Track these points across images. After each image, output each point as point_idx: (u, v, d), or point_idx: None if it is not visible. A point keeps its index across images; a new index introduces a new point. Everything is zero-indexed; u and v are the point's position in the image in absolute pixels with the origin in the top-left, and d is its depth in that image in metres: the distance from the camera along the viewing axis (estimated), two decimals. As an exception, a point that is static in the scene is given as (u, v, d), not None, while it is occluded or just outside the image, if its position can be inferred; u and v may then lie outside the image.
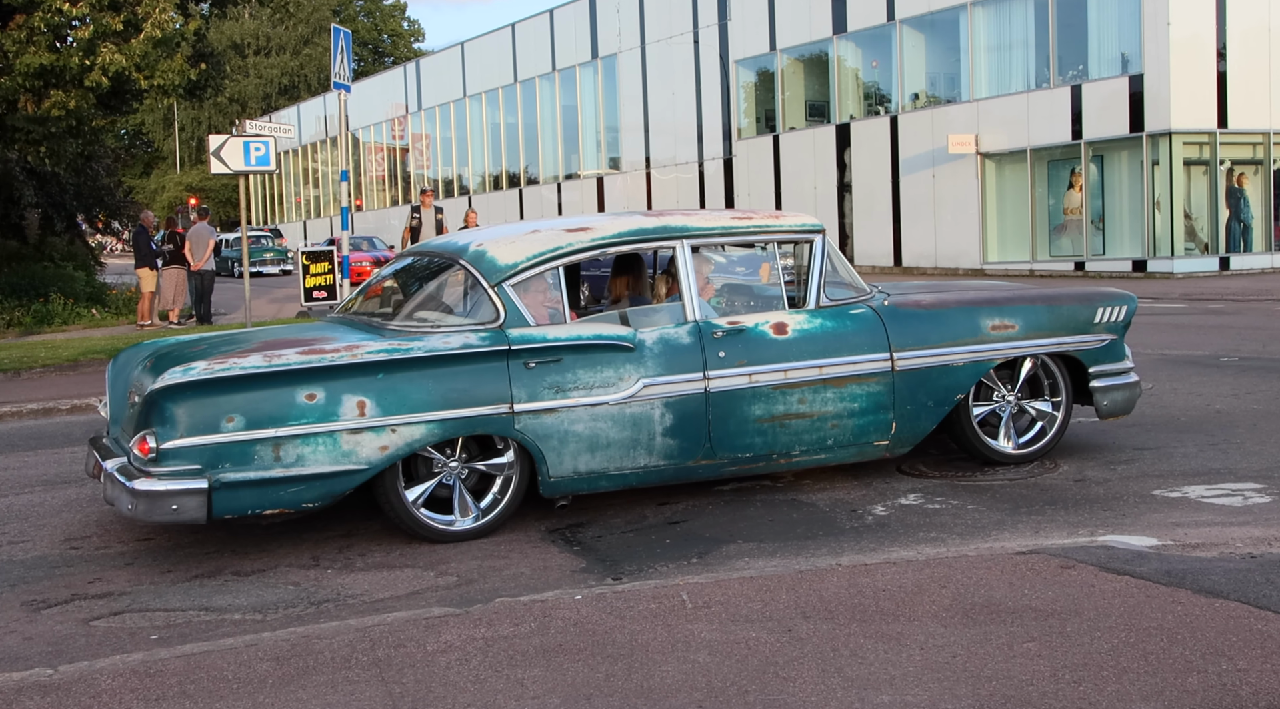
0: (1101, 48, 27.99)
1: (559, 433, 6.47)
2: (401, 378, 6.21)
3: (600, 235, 6.91)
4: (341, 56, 15.47)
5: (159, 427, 5.92)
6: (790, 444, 6.99)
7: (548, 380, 6.44)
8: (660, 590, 5.10)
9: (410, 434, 6.20)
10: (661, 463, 6.73)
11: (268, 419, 5.97)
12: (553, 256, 6.72)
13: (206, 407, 5.94)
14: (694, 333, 6.80)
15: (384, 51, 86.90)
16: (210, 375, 5.95)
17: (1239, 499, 6.62)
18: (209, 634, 5.05)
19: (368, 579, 5.86)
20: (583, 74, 45.40)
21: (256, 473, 5.97)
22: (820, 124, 35.45)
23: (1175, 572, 5.04)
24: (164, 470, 5.90)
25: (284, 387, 6.02)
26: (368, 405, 6.11)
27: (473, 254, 6.80)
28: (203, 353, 6.34)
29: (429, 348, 6.31)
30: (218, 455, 5.92)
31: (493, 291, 6.57)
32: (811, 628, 4.54)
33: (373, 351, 6.21)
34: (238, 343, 6.56)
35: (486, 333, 6.45)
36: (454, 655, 4.39)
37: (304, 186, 70.10)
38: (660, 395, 6.64)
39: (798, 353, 6.96)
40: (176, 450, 5.89)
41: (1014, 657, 4.17)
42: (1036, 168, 29.10)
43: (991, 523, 6.35)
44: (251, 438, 5.95)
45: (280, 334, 7.07)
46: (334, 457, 6.07)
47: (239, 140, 17.85)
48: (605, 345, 6.59)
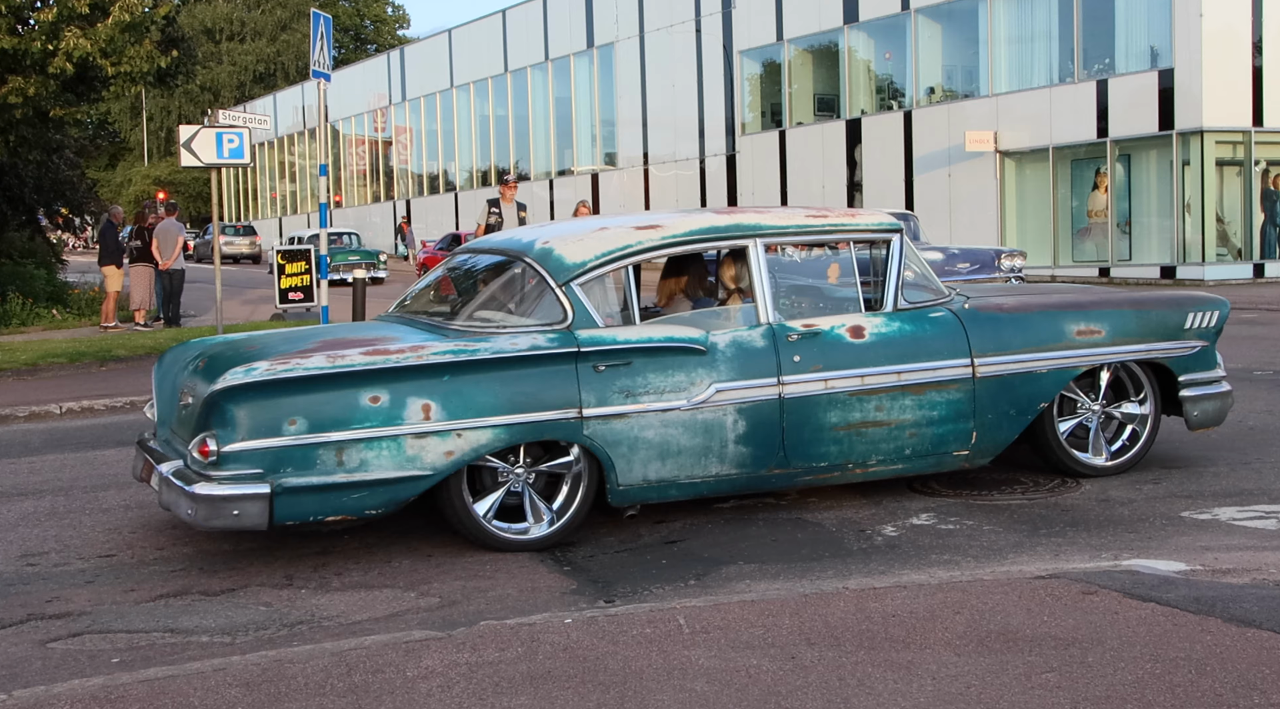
0: (1129, 40, 28.05)
1: (629, 439, 6.54)
2: (467, 380, 6.29)
3: (671, 233, 7.02)
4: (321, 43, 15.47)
5: (219, 429, 6.01)
6: (867, 453, 7.07)
7: (618, 384, 6.53)
8: (656, 614, 5.10)
9: (476, 439, 6.28)
10: (734, 471, 6.80)
11: (331, 422, 6.06)
12: (622, 255, 6.81)
13: (268, 408, 6.02)
14: (768, 336, 6.88)
15: (366, 38, 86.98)
16: (272, 376, 6.04)
17: (1273, 522, 6.63)
18: (174, 658, 5.04)
19: (344, 600, 5.86)
20: (577, 64, 45.46)
21: (319, 478, 6.05)
22: (829, 119, 35.52)
23: (1204, 599, 5.04)
24: (225, 474, 5.98)
25: (347, 388, 6.11)
26: (433, 408, 6.20)
27: (539, 252, 6.88)
28: (259, 352, 6.44)
29: (496, 349, 6.39)
30: (280, 459, 6.00)
31: (560, 291, 6.65)
32: (816, 655, 4.54)
33: (438, 353, 6.29)
34: (295, 342, 6.67)
35: (555, 334, 6.52)
36: (435, 682, 4.38)
37: (280, 181, 70.15)
38: (733, 401, 6.72)
39: (875, 358, 7.04)
40: (238, 453, 5.98)
41: (1032, 688, 4.17)
42: (1059, 167, 29.15)
43: (1009, 545, 6.36)
44: (314, 441, 6.03)
45: (337, 333, 7.22)
46: (398, 461, 6.16)
47: (211, 131, 17.83)
48: (677, 348, 6.66)
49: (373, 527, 7.18)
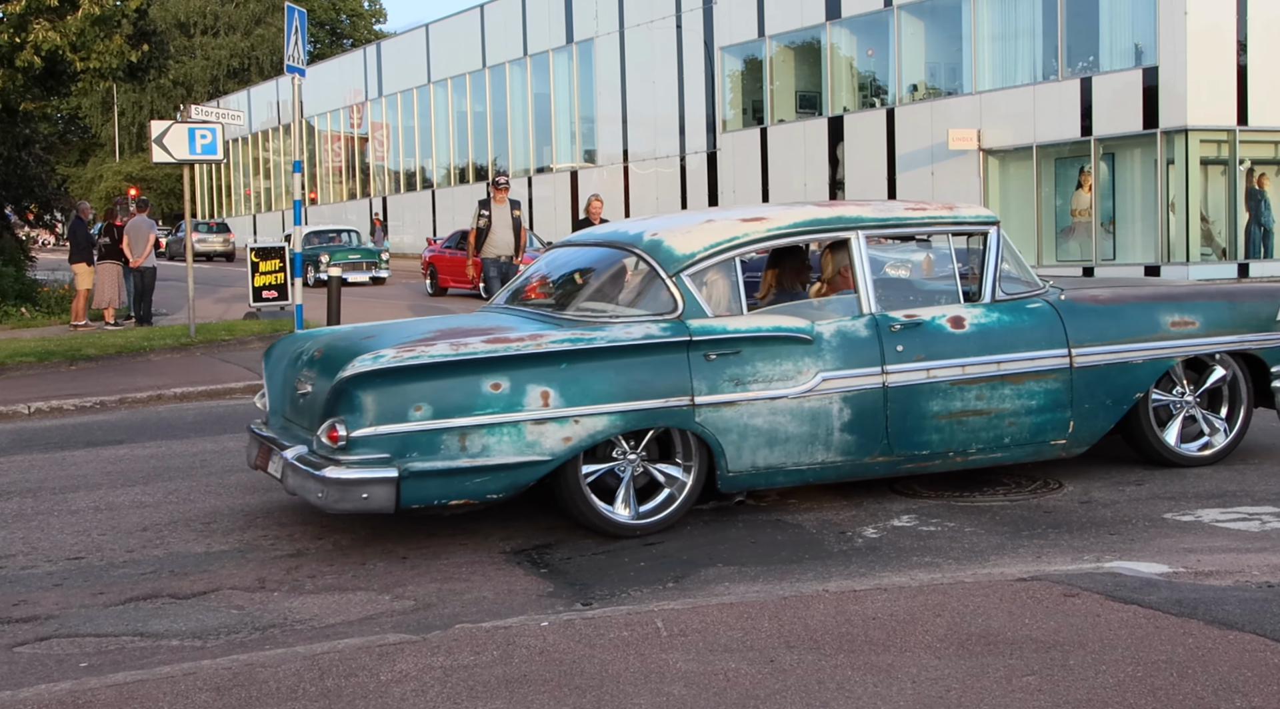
0: (1114, 38, 28.18)
1: (739, 426, 6.76)
2: (584, 368, 6.54)
3: (776, 226, 7.28)
4: (295, 38, 15.42)
5: (348, 414, 6.24)
6: (967, 442, 7.29)
7: (728, 373, 6.76)
8: (633, 617, 5.10)
9: (593, 425, 6.50)
10: (838, 459, 7.04)
11: (454, 408, 6.30)
12: (729, 247, 7.06)
13: (395, 395, 6.26)
14: (871, 326, 7.12)
15: (342, 33, 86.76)
16: (399, 363, 6.28)
17: (1256, 524, 6.66)
18: (143, 662, 5.02)
19: (318, 602, 5.84)
20: (556, 60, 45.43)
21: (443, 462, 6.29)
22: (811, 116, 35.57)
23: (1186, 601, 5.06)
24: (354, 458, 6.21)
25: (470, 375, 6.35)
26: (551, 395, 6.43)
27: (648, 244, 7.13)
28: (379, 341, 6.71)
29: (611, 338, 6.64)
30: (406, 444, 6.24)
31: (670, 282, 6.91)
32: (795, 659, 4.55)
33: (556, 341, 6.54)
34: (413, 331, 7.01)
35: (667, 324, 6.78)
36: (409, 686, 4.38)
37: (254, 178, 69.95)
38: (838, 389, 6.96)
39: (975, 348, 7.28)
40: (366, 438, 6.21)
41: (1012, 691, 4.18)
42: (1043, 166, 29.26)
43: (990, 547, 6.38)
44: (439, 427, 6.27)
45: (451, 323, 7.45)
46: (519, 447, 6.39)
47: (183, 127, 17.77)
48: (784, 338, 6.90)
49: (346, 528, 7.17)
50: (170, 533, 7.23)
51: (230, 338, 17.63)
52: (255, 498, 8.05)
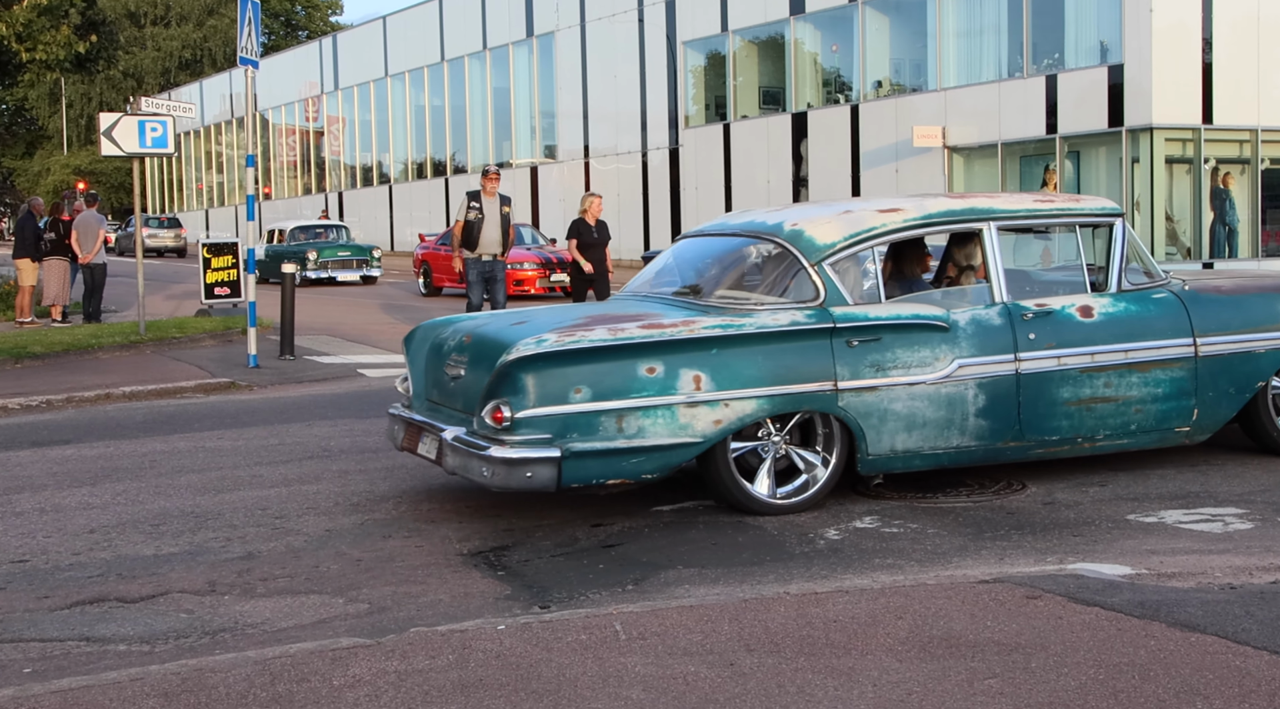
0: (1079, 35, 28.37)
1: (879, 411, 7.12)
2: (734, 353, 6.90)
3: (912, 216, 7.63)
4: (249, 29, 15.32)
5: (511, 396, 6.62)
6: (1095, 428, 7.62)
7: (869, 359, 7.12)
8: (591, 620, 5.10)
9: (742, 409, 6.87)
10: (972, 443, 7.38)
11: (612, 391, 6.69)
12: (868, 237, 7.44)
13: (557, 378, 6.65)
14: (1004, 314, 7.47)
15: (297, 24, 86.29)
16: (561, 347, 6.67)
17: (1219, 525, 6.73)
18: (90, 667, 4.98)
19: (269, 606, 5.81)
20: (516, 54, 45.35)
21: (602, 443, 6.67)
22: (775, 112, 35.65)
23: (1149, 603, 5.11)
24: (518, 439, 6.59)
25: (627, 359, 6.74)
26: (703, 379, 6.80)
27: (789, 233, 7.49)
28: (531, 327, 7.06)
29: (760, 324, 7.01)
30: (567, 425, 6.63)
31: (813, 270, 7.26)
32: (755, 662, 4.56)
33: (708, 327, 6.92)
34: (563, 317, 7.43)
35: (811, 311, 7.13)
36: (363, 691, 4.36)
37: (207, 172, 69.48)
38: (974, 376, 7.30)
39: (1103, 336, 7.61)
40: (530, 419, 6.60)
41: (974, 694, 4.21)
42: (1008, 163, 29.43)
43: (953, 549, 6.41)
44: (597, 409, 6.66)
45: (598, 309, 7.88)
46: (672, 429, 6.77)
47: (133, 119, 17.63)
48: (922, 325, 7.24)
49: (299, 530, 7.15)
50: (118, 535, 7.18)
51: (181, 335, 17.51)
52: (206, 499, 8.00)
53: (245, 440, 10.16)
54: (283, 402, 12.52)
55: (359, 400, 12.36)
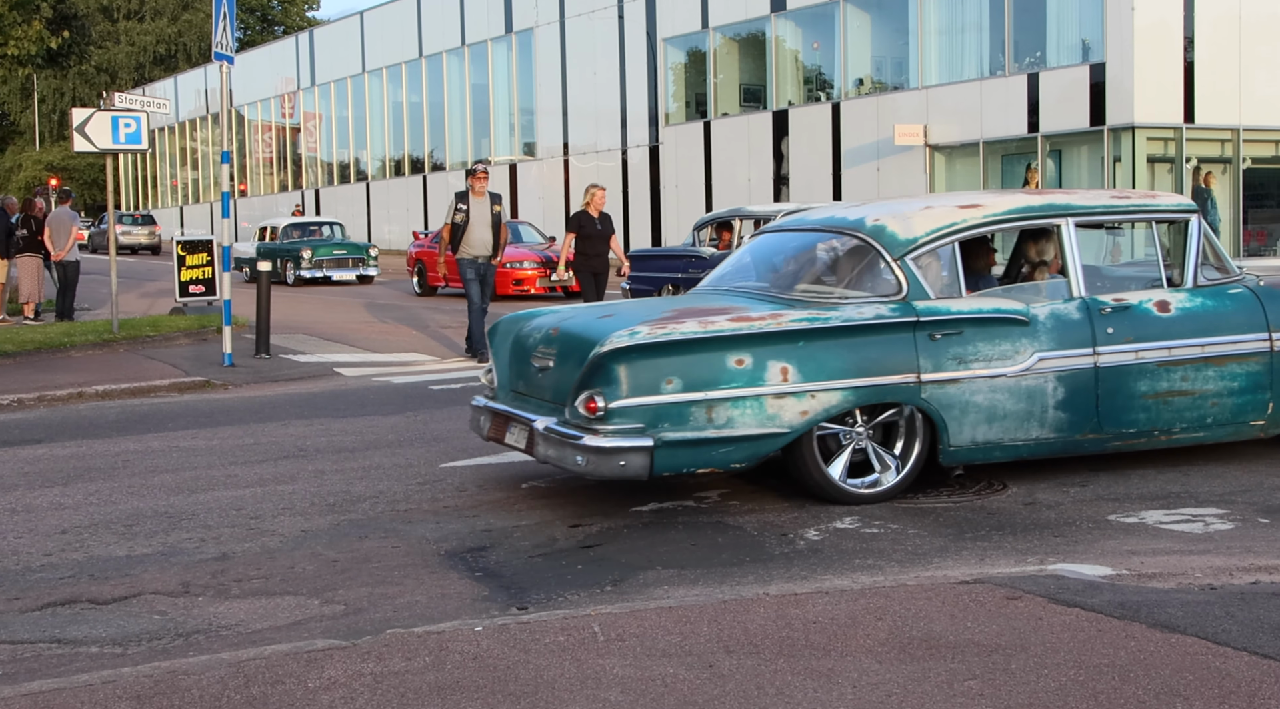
0: (1061, 33, 28.48)
1: (960, 403, 7.31)
2: (820, 346, 7.10)
3: (992, 212, 7.87)
4: (224, 24, 15.25)
5: (604, 387, 6.82)
6: (1172, 421, 7.77)
7: (951, 352, 7.30)
8: (569, 621, 5.10)
9: (827, 400, 7.07)
10: (1051, 436, 7.56)
11: (702, 382, 6.88)
12: (949, 232, 7.60)
13: (648, 369, 6.85)
14: (1083, 309, 7.64)
15: (274, 19, 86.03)
16: (653, 339, 6.86)
17: (1199, 525, 6.76)
18: (61, 670, 4.96)
19: (244, 607, 5.80)
20: (495, 50, 45.29)
21: (692, 433, 6.87)
22: (756, 110, 35.69)
23: (1129, 604, 5.13)
24: (611, 428, 6.78)
25: (717, 351, 6.94)
26: (790, 371, 6.99)
27: (872, 228, 7.66)
28: (620, 320, 7.25)
29: (845, 318, 7.20)
30: (658, 415, 6.82)
31: (895, 265, 7.44)
32: (735, 663, 4.57)
33: (795, 320, 7.11)
34: (652, 310, 7.60)
35: (895, 304, 7.32)
36: (338, 693, 4.35)
37: (181, 168, 69.22)
38: (1053, 369, 7.48)
39: (1181, 330, 7.76)
40: (623, 409, 6.79)
41: (954, 696, 4.22)
42: (989, 162, 29.53)
43: (933, 549, 6.43)
44: (688, 399, 6.86)
45: (683, 303, 8.05)
46: (760, 419, 6.94)
47: (107, 115, 17.54)
48: (1003, 319, 7.43)
49: (274, 531, 7.13)
50: (90, 536, 7.15)
51: (155, 334, 17.44)
52: (180, 499, 7.97)
53: (220, 440, 10.13)
54: (258, 401, 12.48)
55: (335, 400, 12.33)
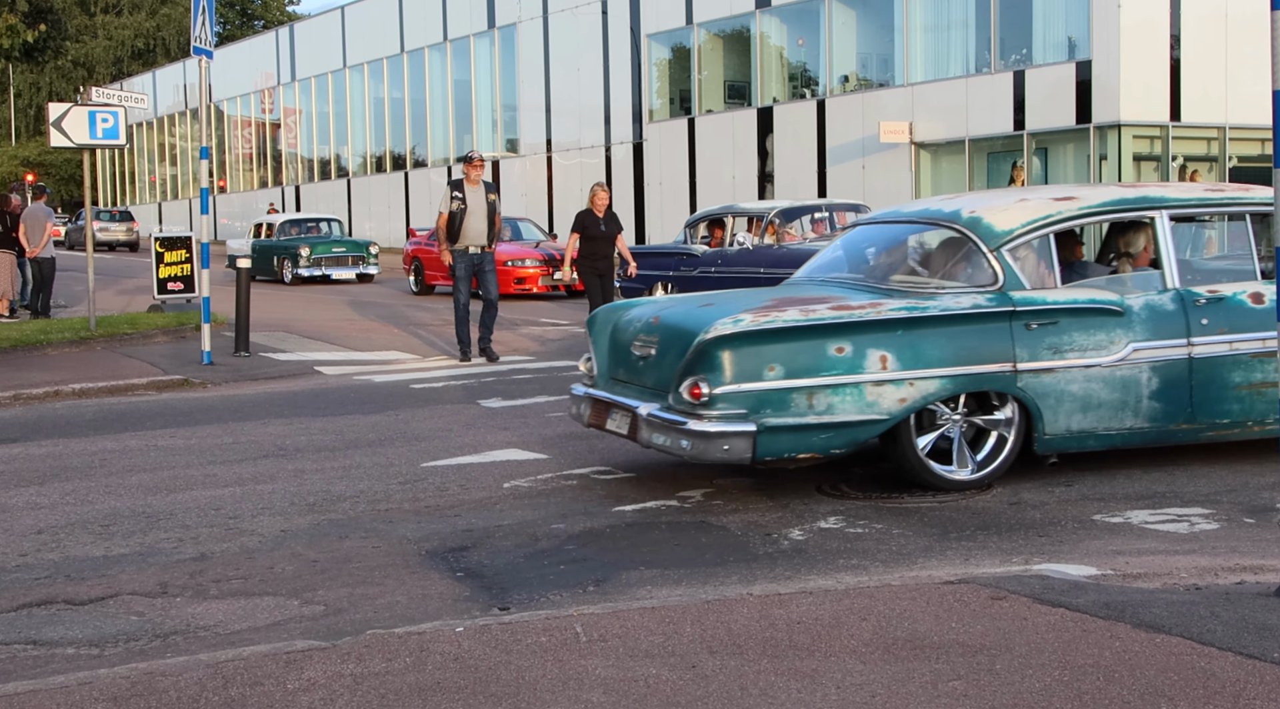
0: (1047, 31, 28.55)
1: (1055, 392, 7.51)
2: (918, 335, 7.32)
3: (1087, 204, 8.07)
4: (203, 18, 15.20)
5: (708, 373, 7.07)
6: (1265, 412, 7.88)
7: (1046, 341, 7.51)
8: (551, 622, 5.10)
9: (925, 388, 7.29)
10: (1145, 425, 7.74)
11: (803, 369, 7.13)
12: (1045, 224, 7.81)
13: (751, 356, 7.09)
14: (1177, 300, 7.82)
15: (253, 14, 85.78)
16: (756, 327, 7.12)
17: (1185, 525, 6.79)
18: (36, 671, 4.94)
19: (222, 608, 5.78)
20: (478, 45, 45.24)
21: (794, 419, 7.11)
22: (740, 107, 35.72)
23: (1114, 604, 5.14)
24: (715, 413, 7.04)
25: (818, 339, 7.18)
26: (889, 359, 7.22)
27: (968, 220, 7.88)
28: (720, 309, 7.49)
29: (943, 307, 7.43)
30: (761, 401, 7.07)
31: (991, 256, 7.65)
32: (718, 664, 4.57)
33: (894, 309, 7.35)
34: (752, 299, 7.83)
35: (992, 295, 7.54)
36: (318, 694, 4.34)
37: (160, 164, 68.98)
38: (1148, 359, 7.66)
39: (1273, 322, 7.84)
40: (727, 395, 7.04)
41: (938, 696, 4.23)
42: (975, 160, 29.59)
43: (918, 549, 6.44)
44: (789, 386, 7.10)
45: (781, 292, 8.22)
46: (859, 406, 7.19)
47: (84, 110, 17.48)
48: (1098, 309, 7.64)
49: (253, 530, 7.12)
50: (67, 536, 7.13)
51: (133, 331, 17.37)
52: (158, 499, 7.95)
53: (198, 439, 10.11)
54: (237, 399, 12.45)
55: (316, 398, 12.31)
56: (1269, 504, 7.07)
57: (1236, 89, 26.75)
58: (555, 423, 10.42)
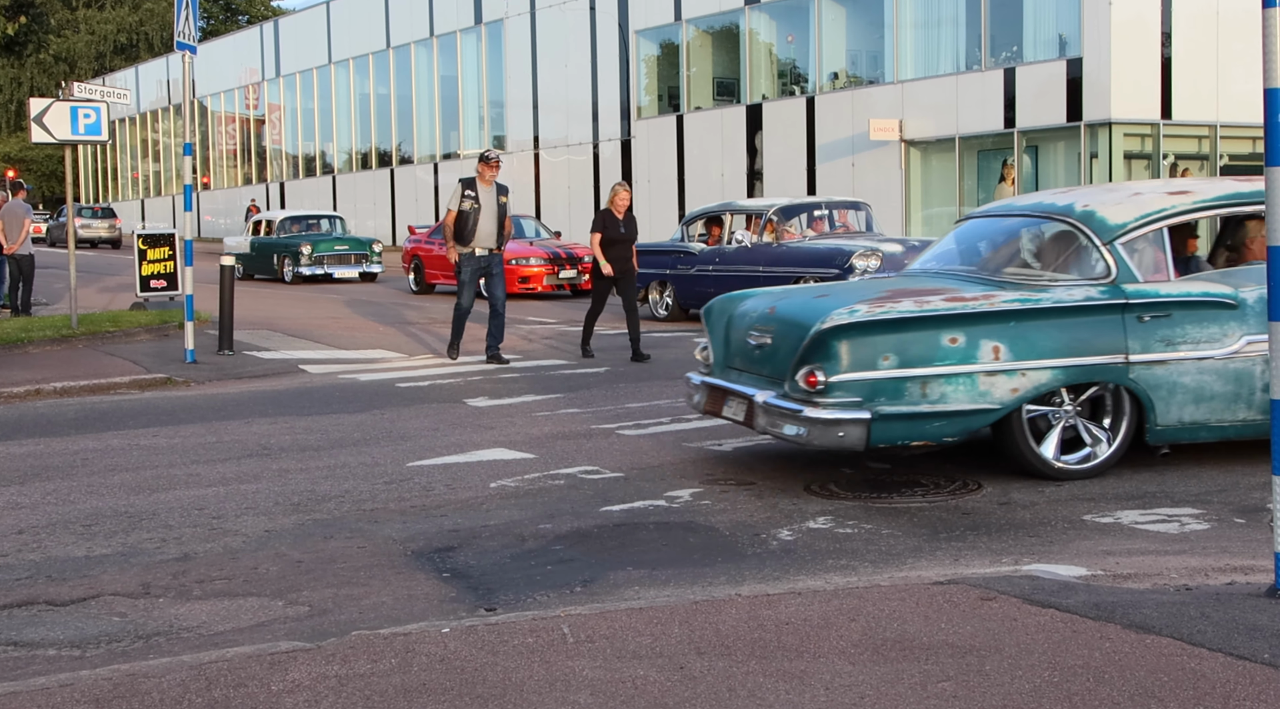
0: (1038, 28, 28.60)
1: (1168, 384, 7.67)
2: (1031, 326, 7.54)
3: (1201, 198, 8.23)
4: (186, 12, 15.17)
5: (824, 362, 7.37)
6: None
7: (1159, 334, 7.68)
8: (538, 623, 5.10)
9: (1037, 378, 7.50)
10: (1258, 418, 7.82)
11: (917, 359, 7.39)
12: (1158, 217, 7.95)
13: (866, 345, 7.37)
14: None
15: (237, 9, 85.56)
16: (871, 317, 7.40)
17: (1175, 525, 6.81)
18: (17, 673, 4.93)
19: (206, 609, 5.77)
20: (465, 41, 45.19)
21: (907, 407, 7.38)
22: (729, 104, 35.73)
23: (1104, 605, 5.15)
24: (831, 401, 7.34)
25: (932, 330, 7.43)
26: (1001, 350, 7.46)
27: (1081, 214, 8.07)
28: (835, 300, 7.74)
29: (1056, 299, 7.63)
30: (875, 390, 7.35)
31: (1105, 249, 7.83)
32: (706, 665, 4.57)
33: (1007, 301, 7.58)
34: (867, 290, 8.07)
35: (1104, 287, 7.72)
36: (302, 696, 4.34)
37: (143, 160, 68.84)
38: (1262, 352, 7.69)
39: None
40: (842, 383, 7.33)
41: (927, 698, 4.24)
42: (965, 158, 29.63)
43: (907, 549, 6.45)
44: (903, 375, 7.37)
45: (897, 284, 8.40)
46: (971, 395, 7.44)
47: (66, 105, 17.44)
48: (1211, 303, 7.77)
49: (237, 530, 7.10)
50: (48, 536, 7.11)
51: (115, 329, 17.33)
52: (140, 499, 7.94)
53: (182, 438, 10.09)
54: (221, 398, 12.43)
55: (300, 397, 12.29)
56: (1260, 504, 7.09)
57: (1228, 87, 26.83)
58: (542, 422, 10.42)
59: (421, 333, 18.18)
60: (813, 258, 17.55)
